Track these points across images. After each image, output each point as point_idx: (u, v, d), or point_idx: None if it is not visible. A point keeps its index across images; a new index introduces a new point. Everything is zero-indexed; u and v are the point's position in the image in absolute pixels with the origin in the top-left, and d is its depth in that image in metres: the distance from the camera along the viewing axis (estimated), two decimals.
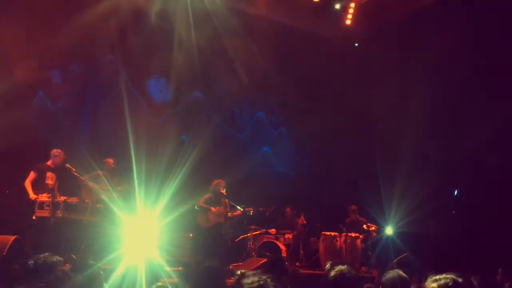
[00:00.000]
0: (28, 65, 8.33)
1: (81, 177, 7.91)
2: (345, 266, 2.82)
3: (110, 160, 8.65)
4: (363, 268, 9.29)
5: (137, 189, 8.83)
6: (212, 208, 8.95)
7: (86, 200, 7.73)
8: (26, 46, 8.28)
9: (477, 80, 9.85)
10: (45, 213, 7.14)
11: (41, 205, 7.17)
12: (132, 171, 9.64)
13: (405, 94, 10.48)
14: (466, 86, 9.95)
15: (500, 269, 5.59)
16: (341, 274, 2.73)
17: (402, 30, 10.52)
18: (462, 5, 9.57)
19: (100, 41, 9.45)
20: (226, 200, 9.09)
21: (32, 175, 7.55)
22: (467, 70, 9.74)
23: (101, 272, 4.11)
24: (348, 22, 11.23)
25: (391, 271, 3.54)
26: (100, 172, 8.47)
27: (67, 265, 5.72)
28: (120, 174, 8.87)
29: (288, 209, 10.30)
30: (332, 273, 2.74)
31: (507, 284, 5.07)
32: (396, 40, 10.46)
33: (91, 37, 9.05)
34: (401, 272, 3.51)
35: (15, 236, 6.71)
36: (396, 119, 10.71)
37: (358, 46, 11.68)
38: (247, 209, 9.37)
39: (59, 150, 7.86)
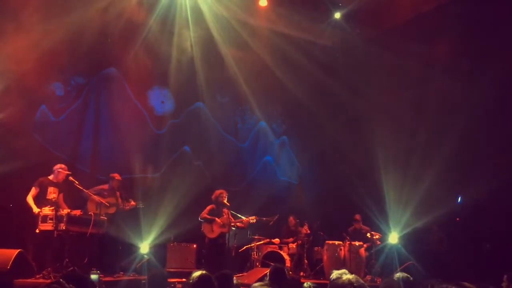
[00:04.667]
0: (31, 77, 8.37)
1: (84, 190, 7.91)
2: (353, 275, 2.74)
3: (117, 175, 8.66)
4: (368, 277, 9.25)
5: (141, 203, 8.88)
6: (217, 219, 8.95)
7: (90, 213, 7.72)
8: (29, 59, 8.31)
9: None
10: (48, 226, 7.11)
11: (45, 218, 7.14)
12: (137, 183, 9.72)
13: (406, 98, 10.48)
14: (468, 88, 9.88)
15: (505, 276, 5.55)
16: (349, 283, 2.66)
17: (402, 37, 10.51)
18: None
19: (102, 53, 9.52)
20: (226, 210, 9.08)
21: (34, 190, 7.51)
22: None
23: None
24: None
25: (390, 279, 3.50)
26: (105, 186, 8.52)
27: None
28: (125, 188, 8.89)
29: (291, 218, 10.28)
30: (341, 281, 2.66)
31: None
32: (396, 47, 10.43)
33: (93, 50, 9.10)
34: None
35: (19, 250, 6.72)
36: (398, 125, 10.68)
37: (355, 53, 11.60)
38: (249, 218, 9.34)
39: (62, 166, 7.81)
